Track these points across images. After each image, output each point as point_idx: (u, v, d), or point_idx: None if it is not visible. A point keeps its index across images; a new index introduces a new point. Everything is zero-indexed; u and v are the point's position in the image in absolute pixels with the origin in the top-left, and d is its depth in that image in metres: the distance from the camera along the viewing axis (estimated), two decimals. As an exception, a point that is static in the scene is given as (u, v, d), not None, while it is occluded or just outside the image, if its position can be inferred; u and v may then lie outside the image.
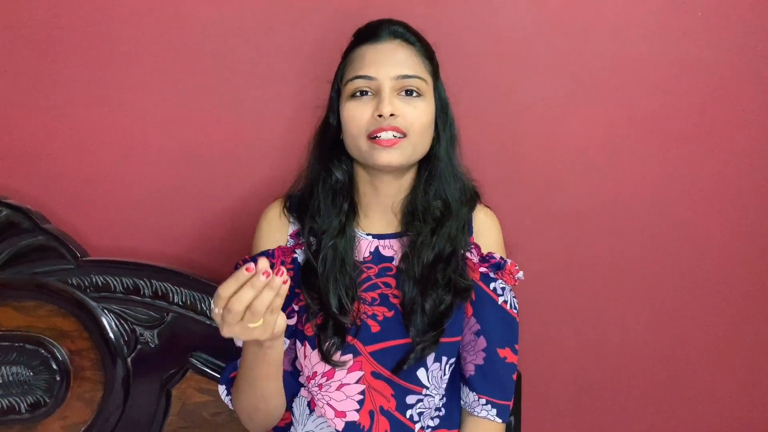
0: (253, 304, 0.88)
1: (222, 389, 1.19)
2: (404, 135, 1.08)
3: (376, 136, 1.07)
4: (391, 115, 1.06)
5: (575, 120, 1.47)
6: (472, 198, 1.20)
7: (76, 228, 1.43)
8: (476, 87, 1.44)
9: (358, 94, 1.09)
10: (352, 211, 1.15)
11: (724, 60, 1.46)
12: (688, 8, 1.45)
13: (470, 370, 1.17)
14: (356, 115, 1.09)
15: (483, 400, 1.15)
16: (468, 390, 1.17)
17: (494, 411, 1.15)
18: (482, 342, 1.15)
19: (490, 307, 1.16)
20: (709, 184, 1.50)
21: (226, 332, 0.91)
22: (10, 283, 1.36)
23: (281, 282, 0.88)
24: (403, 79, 1.08)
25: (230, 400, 1.18)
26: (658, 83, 1.47)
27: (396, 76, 1.08)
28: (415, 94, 1.10)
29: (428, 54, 1.14)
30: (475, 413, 1.16)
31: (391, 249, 1.17)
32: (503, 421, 1.17)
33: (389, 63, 1.09)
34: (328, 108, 1.17)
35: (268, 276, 0.87)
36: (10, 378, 1.36)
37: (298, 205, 1.18)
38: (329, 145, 1.15)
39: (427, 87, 1.11)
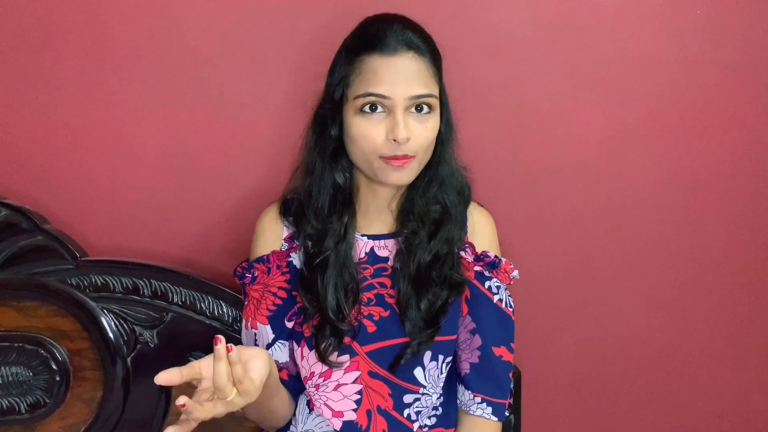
0: (215, 381, 0.86)
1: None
2: (414, 155, 1.06)
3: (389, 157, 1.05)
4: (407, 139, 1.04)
5: (574, 119, 1.46)
6: (468, 195, 1.19)
7: (75, 228, 1.43)
8: (474, 85, 1.43)
9: (367, 109, 1.05)
10: (351, 216, 1.14)
11: (724, 58, 1.45)
12: (687, 6, 1.44)
13: (466, 368, 1.17)
14: (368, 135, 1.05)
15: (478, 399, 1.15)
16: (464, 389, 1.17)
17: (489, 409, 1.15)
18: (477, 340, 1.15)
19: (485, 305, 1.16)
20: (708, 184, 1.50)
21: (201, 415, 0.88)
22: (10, 284, 1.36)
23: (223, 349, 0.86)
24: (417, 98, 1.05)
25: None
26: (657, 82, 1.46)
27: (411, 96, 1.04)
28: (426, 110, 1.07)
29: (437, 63, 1.10)
30: (471, 412, 1.16)
31: (386, 249, 1.16)
32: (499, 420, 1.16)
33: (404, 82, 1.04)
34: (328, 113, 1.11)
35: (218, 343, 0.86)
36: (10, 378, 1.36)
37: (294, 209, 1.17)
38: (330, 151, 1.12)
39: (436, 102, 1.08)
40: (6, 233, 1.37)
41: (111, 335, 1.36)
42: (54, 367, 1.36)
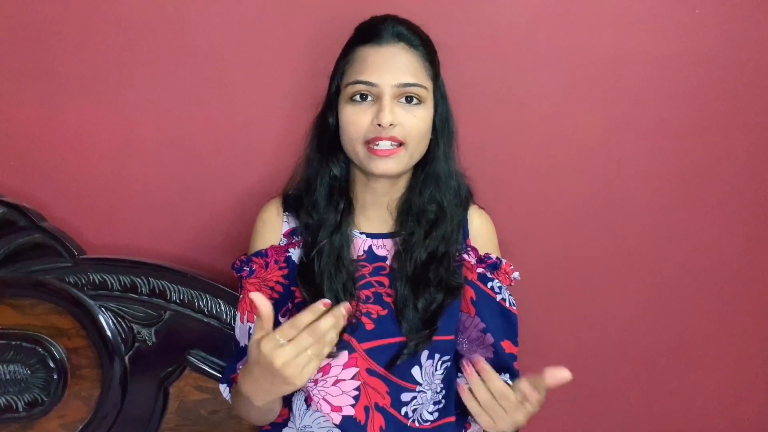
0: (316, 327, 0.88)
1: (223, 387, 1.19)
2: (402, 143, 1.08)
3: (374, 144, 1.07)
4: (390, 124, 1.06)
5: (572, 117, 1.47)
6: (466, 198, 1.21)
7: (73, 226, 1.43)
8: (473, 84, 1.43)
9: (357, 98, 1.08)
10: (348, 209, 1.15)
11: (721, 56, 1.46)
12: (685, 4, 1.44)
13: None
14: (355, 121, 1.08)
15: None
16: None
17: (506, 375, 1.15)
18: (490, 338, 1.16)
19: (489, 304, 1.17)
20: (707, 182, 1.50)
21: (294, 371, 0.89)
22: (7, 282, 1.36)
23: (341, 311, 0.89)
24: (404, 87, 1.07)
25: (231, 397, 1.19)
26: (655, 80, 1.46)
27: (397, 84, 1.07)
28: (415, 101, 1.08)
29: (430, 57, 1.12)
30: None
31: (384, 249, 1.17)
32: None
33: (391, 69, 1.07)
34: (327, 105, 1.15)
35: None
36: (8, 376, 1.35)
37: (294, 203, 1.18)
38: (327, 142, 1.15)
39: (427, 93, 1.10)
40: (3, 231, 1.37)
41: (109, 333, 1.36)
42: (51, 365, 1.36)
